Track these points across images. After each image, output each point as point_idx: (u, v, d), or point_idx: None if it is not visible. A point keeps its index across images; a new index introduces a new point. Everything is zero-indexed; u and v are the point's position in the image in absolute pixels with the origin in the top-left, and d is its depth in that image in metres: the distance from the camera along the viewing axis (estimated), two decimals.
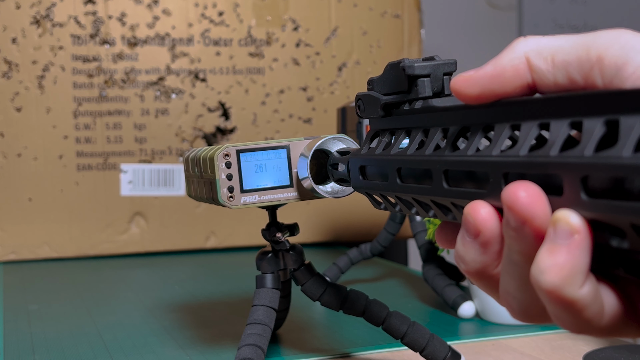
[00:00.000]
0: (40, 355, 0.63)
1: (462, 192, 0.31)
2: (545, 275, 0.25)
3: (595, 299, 0.26)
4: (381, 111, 0.39)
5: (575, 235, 0.25)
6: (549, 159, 0.26)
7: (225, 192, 0.51)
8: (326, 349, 0.62)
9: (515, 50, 0.29)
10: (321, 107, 1.21)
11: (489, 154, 0.29)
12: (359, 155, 0.41)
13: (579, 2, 2.12)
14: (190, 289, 0.90)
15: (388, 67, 0.38)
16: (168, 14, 1.15)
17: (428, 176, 0.33)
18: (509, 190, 0.26)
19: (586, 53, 0.27)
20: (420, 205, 0.35)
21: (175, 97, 1.16)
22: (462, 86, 0.30)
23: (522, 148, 0.27)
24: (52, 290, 0.92)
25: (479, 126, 0.31)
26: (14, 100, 1.11)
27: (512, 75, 0.29)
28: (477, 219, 0.29)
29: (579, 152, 0.25)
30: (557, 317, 0.27)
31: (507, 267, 0.29)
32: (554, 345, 0.63)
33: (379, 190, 0.39)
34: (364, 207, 1.21)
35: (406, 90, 0.36)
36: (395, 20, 1.24)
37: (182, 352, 0.63)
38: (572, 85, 0.28)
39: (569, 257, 0.25)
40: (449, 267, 0.81)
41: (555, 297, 0.25)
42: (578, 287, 0.25)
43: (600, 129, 0.24)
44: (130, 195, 1.15)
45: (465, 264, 0.30)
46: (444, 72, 0.36)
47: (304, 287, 0.56)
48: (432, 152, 0.33)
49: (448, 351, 0.55)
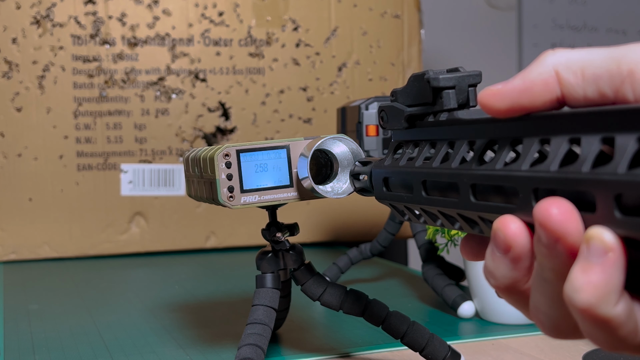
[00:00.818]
0: (41, 355, 0.63)
1: (490, 206, 0.30)
2: (579, 294, 0.25)
3: (629, 317, 0.26)
4: (405, 123, 0.38)
5: (609, 253, 0.24)
6: (581, 175, 0.25)
7: (225, 192, 0.51)
8: (326, 349, 0.62)
9: (544, 64, 0.29)
10: (321, 107, 1.21)
11: (518, 168, 0.28)
12: (382, 167, 0.40)
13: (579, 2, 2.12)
14: (190, 289, 0.90)
15: (412, 79, 0.38)
16: (168, 14, 1.15)
17: (455, 189, 0.33)
18: (541, 206, 0.26)
19: (617, 67, 0.26)
20: (445, 217, 0.35)
21: (176, 97, 1.16)
22: (490, 100, 0.30)
23: (552, 163, 0.27)
24: (52, 290, 0.92)
25: (506, 140, 0.30)
26: (14, 100, 1.11)
27: (542, 89, 0.28)
28: (507, 235, 0.28)
29: (612, 169, 0.24)
30: (590, 335, 0.26)
31: (538, 284, 0.28)
32: (554, 345, 0.63)
33: (403, 202, 0.38)
34: (364, 207, 1.21)
35: (431, 102, 0.36)
36: (395, 20, 1.24)
37: (182, 351, 0.63)
38: (602, 100, 0.27)
39: (603, 275, 0.25)
40: (449, 267, 0.81)
41: (590, 315, 0.25)
42: (612, 306, 0.25)
43: (633, 146, 0.24)
44: (131, 195, 1.15)
45: (495, 279, 0.30)
46: (469, 84, 0.35)
47: (304, 287, 0.57)
48: (458, 165, 0.33)
49: (448, 351, 0.55)
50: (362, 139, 0.74)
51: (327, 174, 0.51)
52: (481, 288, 0.69)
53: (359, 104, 0.75)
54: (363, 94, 1.22)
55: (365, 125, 0.74)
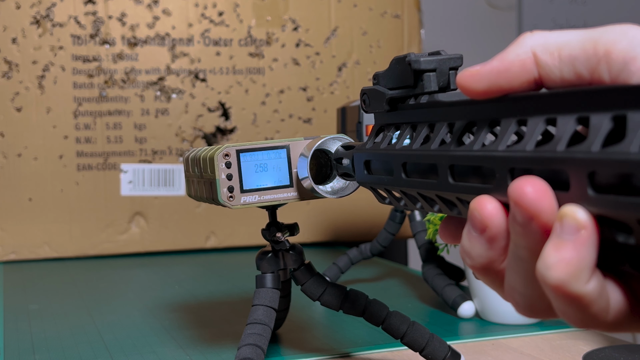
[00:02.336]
0: (41, 355, 0.63)
1: (467, 187, 0.30)
2: (551, 271, 0.25)
3: (601, 295, 0.26)
4: (386, 105, 0.38)
5: (581, 230, 0.25)
6: (556, 154, 0.26)
7: (225, 192, 0.51)
8: (326, 349, 0.62)
9: (521, 45, 0.29)
10: (321, 107, 1.21)
11: (495, 149, 0.29)
12: (364, 150, 0.41)
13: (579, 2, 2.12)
14: (190, 289, 0.90)
15: (394, 62, 0.38)
16: (168, 14, 1.15)
17: (434, 171, 0.33)
18: (515, 185, 0.26)
19: (593, 48, 0.27)
20: (425, 200, 0.35)
21: (175, 97, 1.16)
22: (468, 81, 0.30)
23: (528, 143, 0.27)
24: (52, 290, 0.92)
25: (485, 121, 0.30)
26: (14, 100, 1.11)
27: (519, 70, 0.29)
28: (483, 214, 0.28)
29: (586, 148, 0.24)
30: (563, 312, 0.27)
31: (513, 263, 0.29)
32: (554, 345, 0.63)
33: (383, 185, 0.38)
34: (364, 207, 1.21)
35: (412, 84, 0.36)
36: (395, 20, 1.24)
37: (182, 351, 0.63)
38: (579, 80, 0.27)
39: (575, 252, 0.25)
40: (449, 267, 0.81)
41: (562, 292, 0.25)
42: (584, 283, 0.25)
43: (607, 125, 0.24)
44: (131, 195, 1.15)
45: (471, 259, 0.30)
46: (450, 67, 0.35)
47: (304, 287, 0.57)
48: (437, 147, 0.33)
49: (448, 351, 0.55)
50: (362, 139, 0.74)
51: (327, 174, 0.51)
52: (481, 288, 0.69)
53: (359, 104, 0.75)
54: None
55: (365, 125, 0.74)
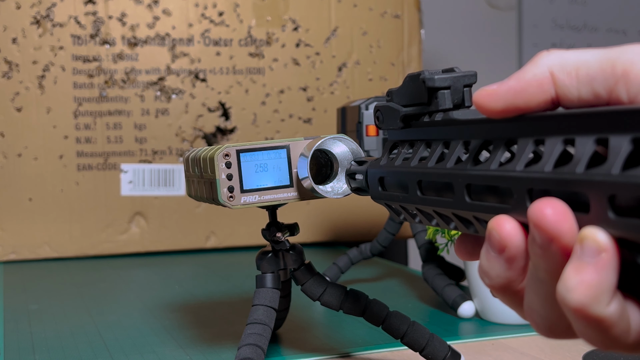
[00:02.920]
0: (41, 355, 0.63)
1: (485, 206, 0.30)
2: (572, 294, 0.25)
3: (622, 317, 0.26)
4: (400, 123, 0.38)
5: (602, 253, 0.25)
6: (575, 176, 0.25)
7: (225, 192, 0.51)
8: (326, 349, 0.62)
9: (538, 65, 0.29)
10: (321, 107, 1.21)
11: (512, 169, 0.28)
12: (378, 167, 0.41)
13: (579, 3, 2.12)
14: (190, 289, 0.90)
15: (407, 79, 0.38)
16: (168, 14, 1.15)
17: (450, 189, 0.33)
18: (535, 207, 0.26)
19: (611, 67, 0.26)
20: (441, 217, 0.35)
21: (175, 97, 1.16)
22: (485, 101, 0.30)
23: (547, 164, 0.27)
24: (52, 290, 0.92)
25: (501, 140, 0.30)
26: (14, 100, 1.11)
27: (536, 90, 0.29)
28: (502, 235, 0.28)
29: (606, 170, 0.24)
30: (583, 334, 0.26)
31: (533, 284, 0.28)
32: (554, 345, 0.63)
33: (398, 202, 0.38)
34: (364, 207, 1.21)
35: (426, 102, 0.36)
36: (395, 20, 1.24)
37: (182, 351, 0.63)
38: (596, 100, 0.27)
39: (596, 275, 0.25)
40: (449, 267, 0.81)
41: (582, 315, 0.25)
42: (605, 305, 0.25)
43: (627, 147, 0.24)
44: (131, 195, 1.15)
45: (490, 279, 0.30)
46: (464, 84, 0.35)
47: (304, 287, 0.57)
48: (453, 165, 0.33)
49: (448, 351, 0.55)
50: (362, 139, 0.74)
51: (327, 174, 0.51)
52: (481, 288, 0.69)
53: (359, 104, 0.75)
54: (363, 94, 1.22)
55: (365, 125, 0.74)
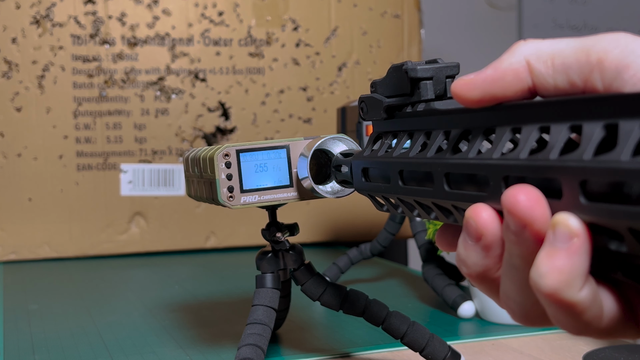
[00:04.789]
0: (41, 355, 0.63)
1: (463, 194, 0.31)
2: (544, 279, 0.25)
3: (594, 302, 0.26)
4: (384, 114, 0.39)
5: (574, 238, 0.25)
6: (549, 162, 0.26)
7: (225, 192, 0.51)
8: (326, 349, 0.62)
9: (515, 54, 0.29)
10: (321, 107, 1.21)
11: (489, 157, 0.29)
12: (362, 158, 0.41)
13: (579, 2, 2.12)
14: (190, 289, 0.90)
15: (391, 70, 0.38)
16: (168, 14, 1.15)
17: (429, 179, 0.33)
18: (508, 193, 0.26)
19: (586, 56, 0.27)
20: (422, 207, 0.35)
21: (175, 97, 1.16)
22: (462, 90, 0.30)
23: (522, 151, 0.27)
24: (52, 290, 0.92)
25: (480, 129, 0.31)
26: (14, 100, 1.11)
27: (513, 79, 0.29)
28: (478, 223, 0.28)
29: (578, 156, 0.25)
30: (556, 319, 0.27)
31: (508, 271, 0.29)
32: (554, 345, 0.63)
33: (381, 193, 0.39)
34: (364, 207, 1.21)
35: (409, 92, 0.36)
36: (395, 20, 1.24)
37: (182, 352, 0.63)
38: (572, 89, 0.28)
39: (568, 260, 0.25)
40: (449, 267, 0.81)
41: (555, 300, 0.25)
42: (577, 290, 0.25)
43: (599, 133, 0.24)
44: (130, 195, 1.15)
45: (467, 267, 0.30)
46: (447, 75, 0.36)
47: (304, 287, 0.57)
48: (433, 154, 0.33)
49: (448, 351, 0.55)
50: (362, 139, 0.74)
51: (327, 174, 0.51)
52: None
53: None
54: (363, 93, 1.22)
55: (365, 125, 0.74)
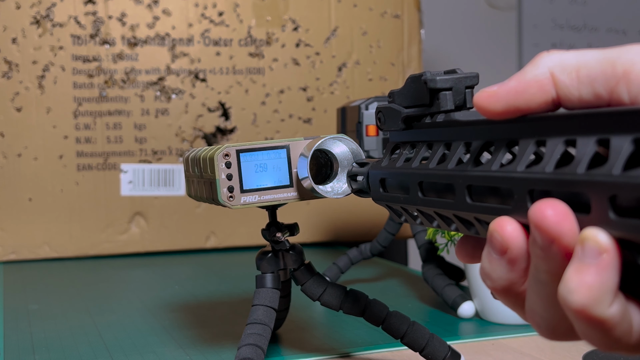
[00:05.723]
0: (41, 355, 0.63)
1: (486, 207, 0.30)
2: (573, 295, 0.25)
3: (624, 318, 0.26)
4: (402, 124, 0.38)
5: (603, 254, 0.24)
6: (576, 176, 0.25)
7: (225, 192, 0.51)
8: (326, 349, 0.62)
9: (539, 66, 0.29)
10: (321, 107, 1.21)
11: (514, 169, 0.28)
12: (379, 168, 0.41)
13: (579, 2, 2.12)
14: (190, 289, 0.90)
15: (409, 80, 0.38)
16: (168, 14, 1.15)
17: (451, 190, 0.33)
18: (536, 208, 0.26)
19: (612, 68, 0.26)
20: (442, 218, 0.35)
21: (175, 97, 1.16)
22: (486, 102, 0.30)
23: (548, 165, 0.27)
24: (52, 290, 0.92)
25: (502, 141, 0.30)
26: (14, 100, 1.11)
27: (537, 91, 0.28)
28: (504, 236, 0.28)
29: (607, 171, 0.24)
30: (585, 335, 0.26)
31: (534, 286, 0.28)
32: (554, 345, 0.63)
33: (399, 203, 0.38)
34: (364, 207, 1.21)
35: (428, 103, 0.36)
36: (395, 20, 1.24)
37: (182, 351, 0.63)
38: (597, 101, 0.27)
39: (597, 276, 0.25)
40: (449, 267, 0.81)
41: (584, 316, 0.25)
42: (607, 306, 0.25)
43: (628, 147, 0.24)
44: (130, 195, 1.15)
45: (492, 281, 0.30)
46: (466, 86, 0.35)
47: (303, 287, 0.57)
48: (454, 166, 0.33)
49: (448, 351, 0.55)
50: (362, 139, 0.74)
51: (327, 174, 0.51)
52: (481, 288, 0.69)
53: (359, 104, 0.75)
54: (363, 94, 1.22)
55: (365, 125, 0.74)
